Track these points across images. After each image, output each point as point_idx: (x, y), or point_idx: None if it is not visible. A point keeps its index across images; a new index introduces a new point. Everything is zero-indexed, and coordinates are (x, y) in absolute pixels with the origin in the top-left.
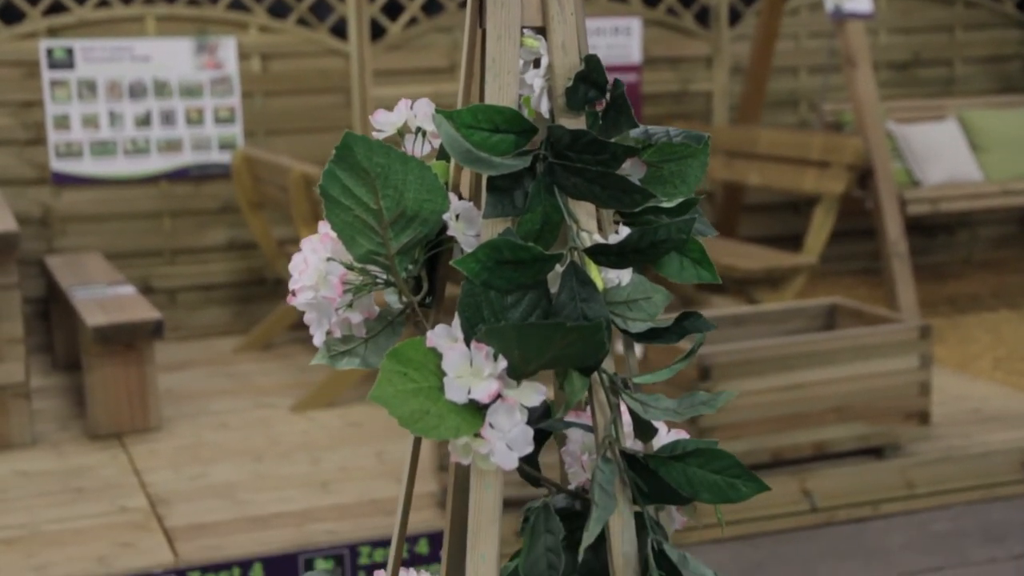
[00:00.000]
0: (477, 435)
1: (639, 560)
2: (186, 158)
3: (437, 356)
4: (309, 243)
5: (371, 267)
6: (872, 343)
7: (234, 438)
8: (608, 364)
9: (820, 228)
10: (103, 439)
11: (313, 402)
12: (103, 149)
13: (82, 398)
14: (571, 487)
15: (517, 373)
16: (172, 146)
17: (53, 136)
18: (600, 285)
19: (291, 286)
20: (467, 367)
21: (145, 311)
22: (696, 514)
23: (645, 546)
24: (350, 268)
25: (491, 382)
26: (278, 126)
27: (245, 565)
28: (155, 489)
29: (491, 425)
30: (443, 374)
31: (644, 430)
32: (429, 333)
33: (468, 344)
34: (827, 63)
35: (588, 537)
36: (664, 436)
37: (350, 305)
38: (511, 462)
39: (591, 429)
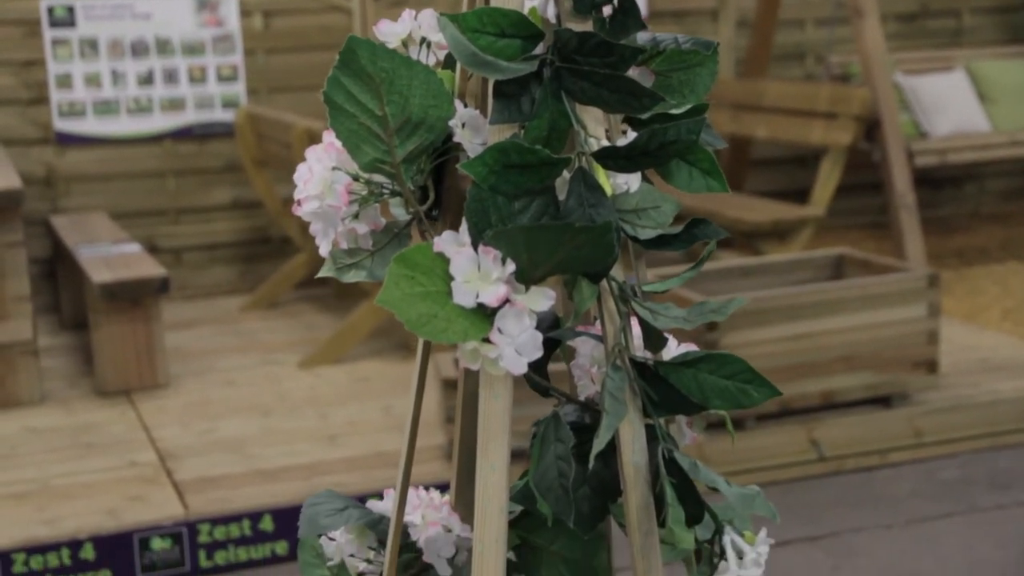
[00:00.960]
0: (486, 340)
1: (650, 469)
2: (189, 117)
3: (444, 261)
4: (314, 152)
5: (376, 176)
6: (880, 292)
7: (242, 394)
8: (617, 273)
9: (827, 180)
10: (111, 396)
11: (320, 358)
12: (106, 108)
13: (90, 356)
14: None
15: (525, 278)
16: (175, 105)
17: (56, 95)
18: (609, 191)
19: (296, 196)
20: (475, 271)
21: (151, 268)
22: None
23: (656, 455)
24: (356, 179)
25: (499, 286)
26: (281, 83)
27: (255, 517)
28: (164, 444)
29: (499, 330)
30: (451, 279)
31: (654, 341)
32: (436, 239)
33: (476, 249)
34: (834, 15)
35: (598, 444)
36: (674, 349)
37: (356, 216)
38: (520, 367)
39: (600, 339)
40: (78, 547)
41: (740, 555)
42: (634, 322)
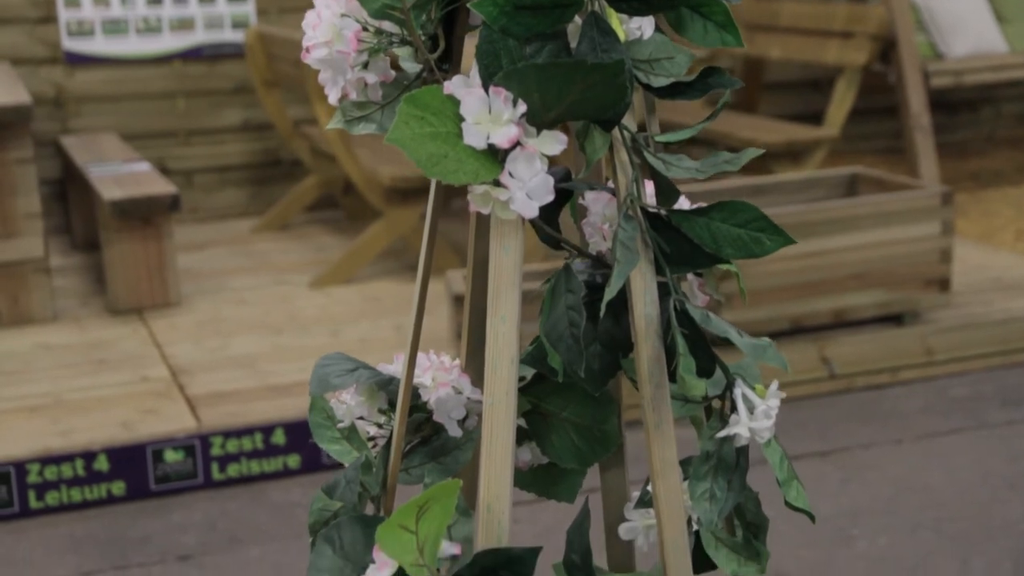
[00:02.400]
0: (497, 183)
1: (661, 322)
2: (199, 37)
3: (455, 104)
4: None
5: (386, 24)
6: (893, 209)
7: (253, 313)
8: (630, 123)
9: (842, 100)
10: (123, 314)
11: (331, 278)
12: (115, 28)
13: (101, 276)
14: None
15: (537, 120)
16: (184, 24)
17: (64, 14)
18: (622, 36)
19: (304, 43)
20: (485, 113)
21: (161, 186)
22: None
23: (667, 308)
24: (365, 28)
25: (510, 127)
26: (291, 3)
27: (267, 430)
28: (176, 360)
29: (510, 174)
30: (461, 120)
31: (666, 193)
32: (446, 82)
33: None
34: None
35: (609, 292)
36: (685, 205)
37: (365, 65)
38: (531, 210)
39: (613, 192)
40: (92, 458)
41: (751, 408)
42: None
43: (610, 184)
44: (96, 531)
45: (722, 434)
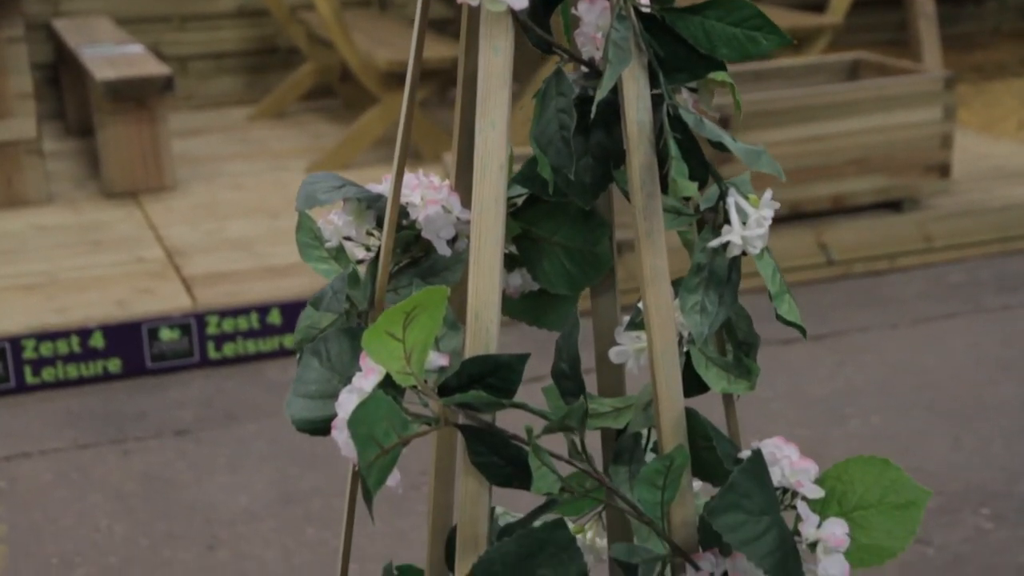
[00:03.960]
0: None
1: (653, 130)
2: None
3: None
4: None
5: None
6: (895, 94)
7: (250, 197)
8: None
9: None
10: (118, 197)
11: (327, 164)
12: None
13: (96, 161)
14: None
15: None
16: None
17: None
18: None
19: None
20: None
21: (155, 67)
22: (711, 101)
23: (660, 115)
24: None
25: None
26: None
27: (263, 310)
28: (172, 242)
29: None
30: None
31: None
32: None
33: None
34: None
35: (601, 92)
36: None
37: None
38: (521, 1)
39: None
40: (87, 335)
41: (744, 218)
42: None
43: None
44: (93, 407)
45: (714, 243)
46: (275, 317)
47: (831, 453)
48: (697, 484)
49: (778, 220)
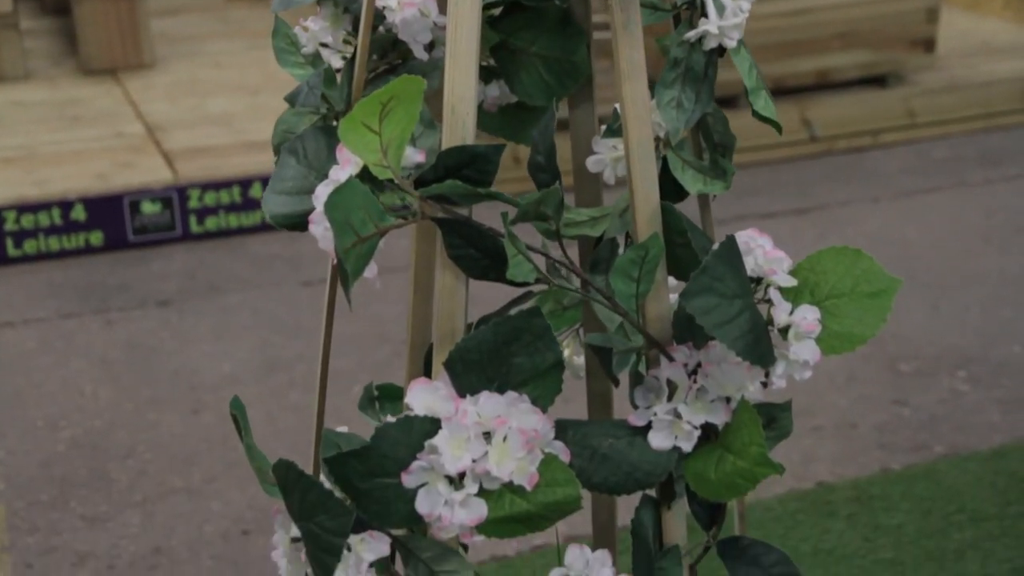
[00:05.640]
0: None
1: None
2: None
3: None
4: None
5: None
6: None
7: (229, 75)
8: None
9: None
10: (97, 74)
11: None
12: None
13: (73, 39)
14: None
15: None
16: None
17: None
18: None
19: None
20: None
21: None
22: None
23: None
24: None
25: None
26: None
27: (245, 184)
28: (152, 118)
29: None
30: None
31: None
32: None
33: None
34: None
35: None
36: None
37: None
38: None
39: None
40: (69, 208)
41: (720, 9)
42: None
43: None
44: (75, 279)
45: (691, 34)
46: (257, 191)
47: None
48: (674, 284)
49: None
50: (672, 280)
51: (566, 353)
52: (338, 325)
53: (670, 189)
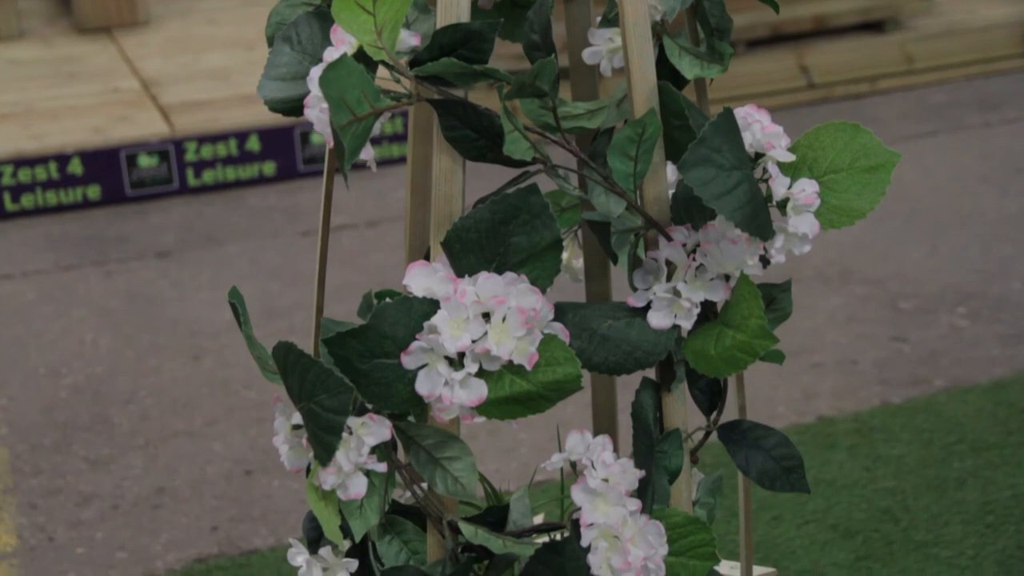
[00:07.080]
0: None
1: None
2: None
3: None
4: None
5: None
6: None
7: (224, 31)
8: None
9: None
10: (91, 32)
11: None
12: None
13: None
14: None
15: None
16: None
17: None
18: None
19: None
20: None
21: None
22: None
23: None
24: None
25: None
26: None
27: (241, 136)
28: (147, 73)
29: None
30: None
31: None
32: None
33: None
34: None
35: None
36: None
37: None
38: None
39: None
40: (66, 162)
41: None
42: None
43: None
44: (73, 231)
45: None
46: (254, 144)
47: (808, 260)
48: (673, 180)
49: (759, 42)
50: (671, 173)
51: (565, 256)
52: (338, 274)
53: (667, 78)
